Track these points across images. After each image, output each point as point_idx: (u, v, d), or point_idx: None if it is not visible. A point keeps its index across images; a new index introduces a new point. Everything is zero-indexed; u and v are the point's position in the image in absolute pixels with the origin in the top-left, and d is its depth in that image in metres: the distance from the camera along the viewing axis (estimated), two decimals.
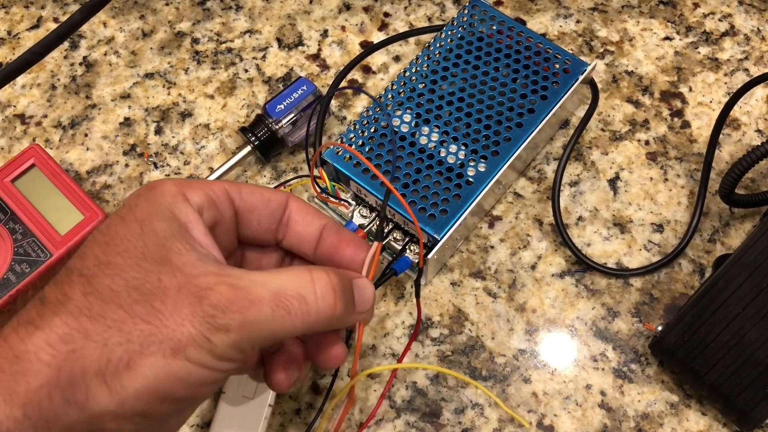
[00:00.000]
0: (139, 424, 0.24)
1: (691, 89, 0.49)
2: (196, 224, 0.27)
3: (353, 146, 0.43)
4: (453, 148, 0.42)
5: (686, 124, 0.48)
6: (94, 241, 0.26)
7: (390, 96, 0.44)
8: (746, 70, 0.49)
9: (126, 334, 0.23)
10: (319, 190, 0.42)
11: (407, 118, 0.43)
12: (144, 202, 0.27)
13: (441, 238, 0.40)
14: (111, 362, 0.22)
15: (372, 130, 0.43)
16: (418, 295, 0.36)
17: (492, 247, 0.45)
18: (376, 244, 0.32)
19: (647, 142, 0.47)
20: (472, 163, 0.42)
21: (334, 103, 0.50)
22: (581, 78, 0.44)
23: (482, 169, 0.42)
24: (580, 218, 0.45)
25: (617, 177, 0.46)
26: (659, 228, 0.45)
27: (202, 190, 0.28)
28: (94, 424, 0.23)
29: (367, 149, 0.43)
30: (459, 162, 0.42)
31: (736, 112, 0.48)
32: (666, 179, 0.46)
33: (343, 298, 0.27)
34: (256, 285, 0.25)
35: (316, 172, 0.43)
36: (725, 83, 0.49)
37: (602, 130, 0.48)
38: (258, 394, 0.38)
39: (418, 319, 0.38)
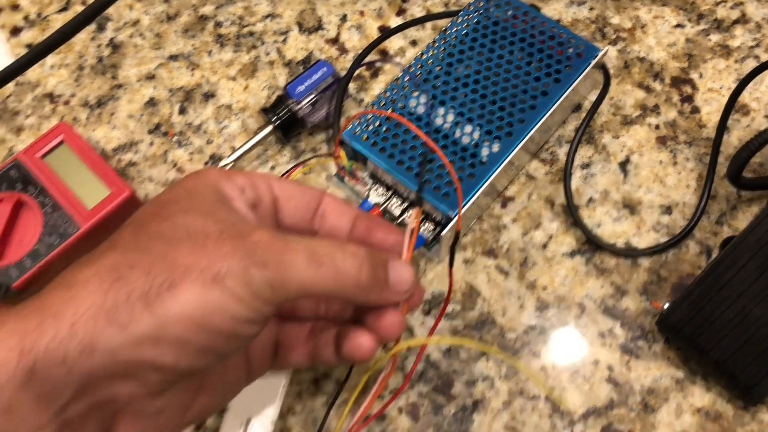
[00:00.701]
0: (178, 356, 0.24)
1: (701, 75, 0.50)
2: (239, 199, 0.30)
3: (370, 127, 0.44)
4: (468, 128, 0.44)
5: (696, 110, 0.49)
6: (143, 205, 0.29)
7: (407, 78, 0.45)
8: (757, 57, 0.50)
9: (170, 263, 0.24)
10: (339, 167, 0.43)
11: (423, 99, 0.45)
12: (190, 178, 0.29)
13: (454, 216, 0.41)
14: (153, 287, 0.24)
15: (389, 111, 0.45)
16: (451, 264, 0.37)
17: (504, 226, 0.46)
18: (416, 209, 0.34)
19: (657, 127, 0.48)
20: (486, 144, 0.43)
21: (352, 86, 0.51)
22: (593, 62, 0.45)
23: (496, 150, 0.43)
24: (590, 200, 0.46)
25: (628, 160, 0.47)
26: (668, 210, 0.46)
27: (243, 175, 0.31)
28: (134, 350, 0.24)
29: (384, 129, 0.44)
30: (473, 142, 0.43)
31: (746, 98, 0.49)
32: (675, 163, 0.47)
33: (370, 268, 0.28)
34: (293, 239, 0.27)
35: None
36: (735, 70, 0.50)
37: (613, 114, 0.49)
38: None
39: (449, 288, 0.38)
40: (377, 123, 0.44)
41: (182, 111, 0.51)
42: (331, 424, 0.40)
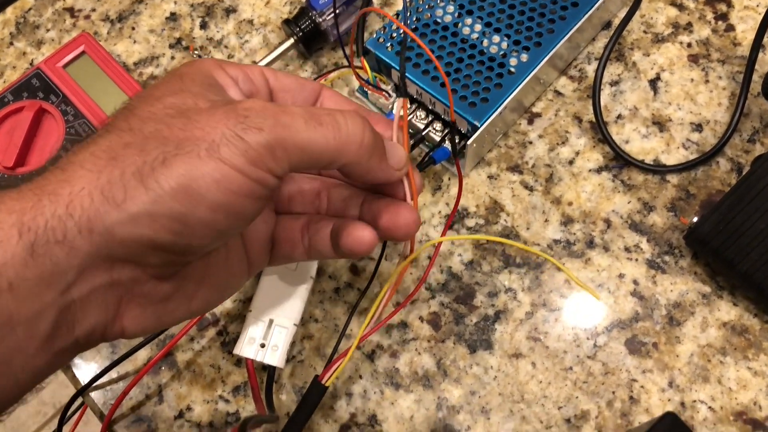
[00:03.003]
0: (176, 232, 0.24)
1: None
2: (233, 87, 0.28)
3: (395, 36, 0.43)
4: (496, 38, 0.43)
5: (730, 28, 0.47)
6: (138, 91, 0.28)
7: None
8: None
9: (163, 139, 0.24)
10: (363, 79, 0.43)
11: (450, 9, 0.44)
12: (185, 66, 0.28)
13: (481, 125, 0.40)
14: (147, 163, 0.23)
15: (414, 19, 0.44)
16: (455, 154, 0.36)
17: (530, 142, 0.45)
18: (400, 99, 0.32)
19: (690, 45, 0.47)
20: (514, 54, 0.42)
21: (375, 0, 0.50)
22: None
23: (524, 60, 0.42)
24: (619, 116, 0.45)
25: (658, 77, 0.46)
26: (698, 127, 0.45)
27: (237, 67, 0.29)
28: (132, 227, 0.23)
29: (409, 38, 0.43)
30: (501, 52, 0.42)
31: None
32: (707, 81, 0.46)
33: (372, 130, 0.28)
34: (288, 105, 0.26)
35: (357, 62, 0.43)
36: None
37: (644, 32, 0.48)
38: (301, 266, 0.39)
39: (459, 185, 0.37)
40: (402, 32, 0.43)
41: (203, 26, 0.50)
42: (352, 329, 0.40)
